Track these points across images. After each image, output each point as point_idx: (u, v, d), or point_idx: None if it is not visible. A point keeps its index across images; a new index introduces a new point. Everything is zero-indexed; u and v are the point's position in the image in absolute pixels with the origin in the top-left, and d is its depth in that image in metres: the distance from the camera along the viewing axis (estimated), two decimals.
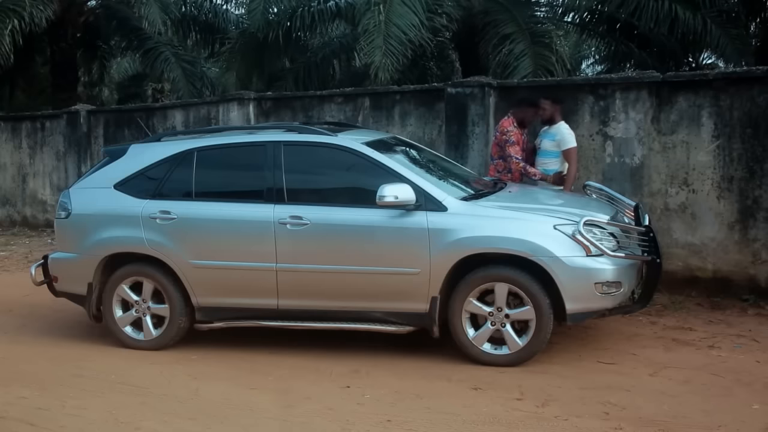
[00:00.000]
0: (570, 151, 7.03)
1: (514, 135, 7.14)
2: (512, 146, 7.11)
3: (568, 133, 7.12)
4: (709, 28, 10.41)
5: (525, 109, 7.26)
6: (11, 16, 12.03)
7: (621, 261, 5.29)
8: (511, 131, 7.16)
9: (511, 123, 7.20)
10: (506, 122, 7.23)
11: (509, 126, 7.18)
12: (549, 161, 7.12)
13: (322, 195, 5.92)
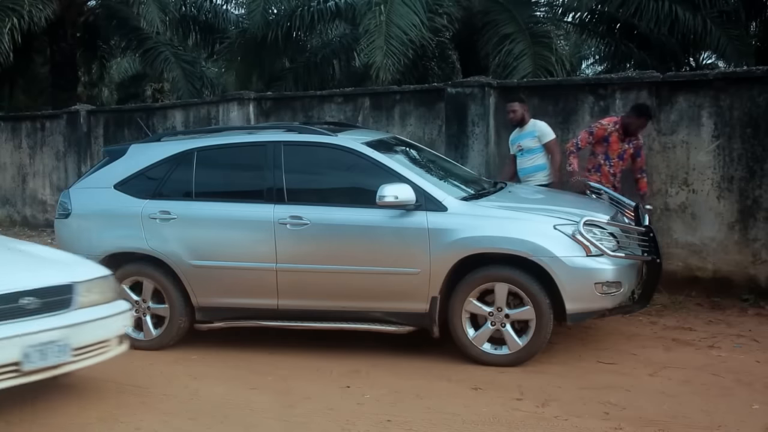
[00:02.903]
0: (552, 142, 7.18)
1: (600, 129, 6.87)
2: (585, 132, 6.94)
3: (546, 126, 7.27)
4: (709, 29, 10.42)
5: (634, 117, 6.82)
6: (10, 15, 12.01)
7: (621, 261, 5.29)
8: (602, 126, 6.88)
9: (611, 121, 6.92)
10: (608, 118, 7.04)
11: (606, 121, 6.95)
12: (534, 157, 7.20)
13: (322, 195, 5.91)
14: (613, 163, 6.87)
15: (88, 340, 4.47)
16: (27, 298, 4.26)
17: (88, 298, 4.53)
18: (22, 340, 4.12)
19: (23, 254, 5.01)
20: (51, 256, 5.06)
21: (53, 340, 4.24)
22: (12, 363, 4.09)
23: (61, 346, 4.27)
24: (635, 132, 6.85)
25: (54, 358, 4.25)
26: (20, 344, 4.11)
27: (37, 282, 4.39)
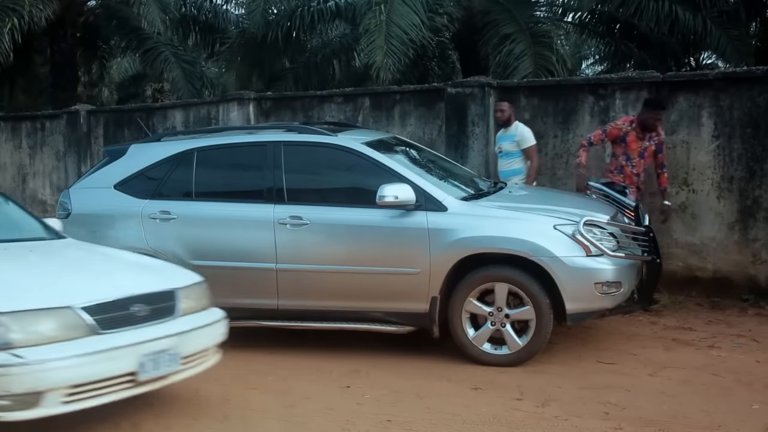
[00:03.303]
0: (530, 148, 7.21)
1: (614, 128, 6.79)
2: (600, 131, 6.91)
3: (527, 131, 7.28)
4: (709, 29, 10.41)
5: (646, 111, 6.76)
6: (11, 15, 11.99)
7: (621, 261, 5.29)
8: (617, 126, 6.80)
9: (627, 121, 6.84)
10: (624, 117, 6.97)
11: (621, 121, 6.88)
12: (512, 161, 7.23)
13: (322, 195, 5.92)
14: (635, 163, 6.77)
15: (194, 349, 4.31)
16: (137, 305, 4.09)
17: (187, 304, 4.39)
18: (138, 348, 3.95)
19: (117, 260, 4.84)
20: (143, 261, 4.92)
21: (165, 348, 4.07)
22: (128, 373, 3.91)
23: (171, 355, 4.11)
24: (653, 126, 6.74)
25: (165, 367, 4.09)
26: (136, 353, 3.93)
27: (142, 288, 4.25)
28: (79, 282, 4.22)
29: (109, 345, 3.84)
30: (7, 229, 5.03)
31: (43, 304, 3.81)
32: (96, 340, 3.82)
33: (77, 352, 3.72)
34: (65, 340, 3.73)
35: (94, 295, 3.98)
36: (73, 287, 4.09)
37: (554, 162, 7.83)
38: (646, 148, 6.77)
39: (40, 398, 3.62)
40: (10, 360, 3.56)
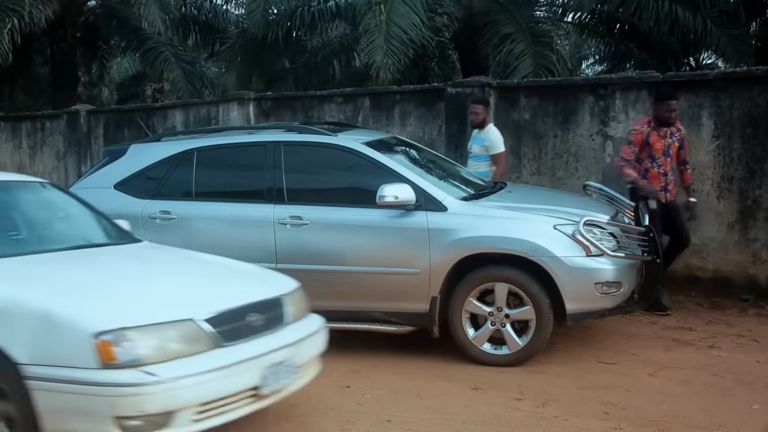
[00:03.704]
0: (498, 155, 7.10)
1: (636, 135, 6.58)
2: (625, 145, 6.66)
3: (497, 137, 7.17)
4: (709, 29, 10.40)
5: (657, 105, 6.63)
6: (10, 16, 11.99)
7: (621, 261, 5.29)
8: (637, 131, 6.60)
9: (644, 122, 6.66)
10: (640, 121, 6.80)
11: (638, 125, 6.68)
12: (479, 164, 7.17)
13: (322, 195, 5.92)
14: (660, 162, 6.57)
15: (306, 358, 4.09)
16: (253, 314, 3.86)
17: (293, 311, 4.17)
18: (260, 361, 3.72)
19: (214, 265, 4.56)
20: (239, 266, 4.60)
21: (283, 359, 3.85)
22: (252, 387, 3.68)
23: (288, 367, 3.90)
24: (669, 119, 6.54)
25: (283, 379, 3.87)
26: (259, 366, 3.71)
27: (254, 295, 4.02)
28: (192, 291, 3.96)
29: (234, 359, 3.60)
30: (89, 233, 4.86)
31: (166, 316, 3.54)
32: (220, 353, 3.59)
33: (206, 367, 3.48)
34: (189, 355, 3.49)
35: (212, 306, 3.72)
36: (189, 297, 3.84)
37: (554, 162, 7.83)
38: (669, 146, 6.59)
39: (172, 418, 3.39)
40: (143, 378, 3.31)
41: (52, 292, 3.59)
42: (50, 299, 3.49)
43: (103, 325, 3.34)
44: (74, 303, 3.50)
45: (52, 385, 3.32)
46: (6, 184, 5.03)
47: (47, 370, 3.32)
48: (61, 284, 3.77)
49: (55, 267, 4.15)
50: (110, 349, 3.31)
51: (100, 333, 3.31)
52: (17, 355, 3.35)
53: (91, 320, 3.36)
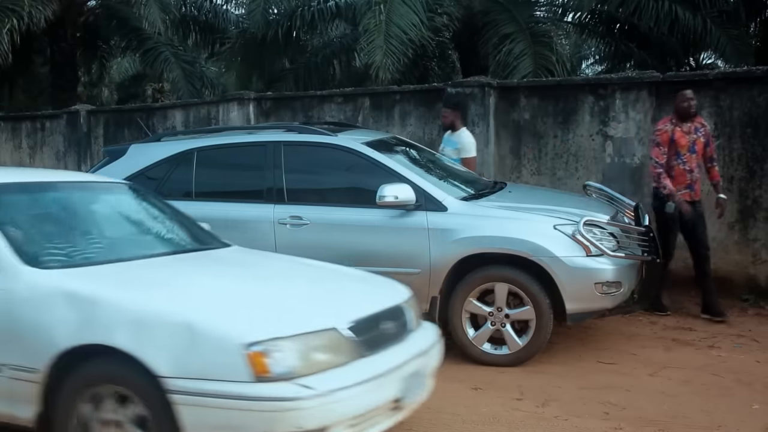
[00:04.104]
0: (468, 160, 6.97)
1: (661, 135, 6.40)
2: (655, 148, 6.45)
3: (469, 141, 7.08)
4: (709, 28, 10.41)
5: (676, 100, 6.44)
6: (10, 16, 11.99)
7: (621, 261, 5.29)
8: (661, 130, 6.43)
9: (666, 121, 6.49)
10: (661, 121, 6.62)
11: (661, 124, 6.51)
12: None
13: (322, 195, 5.92)
14: (686, 158, 6.40)
15: (432, 368, 3.89)
16: (386, 322, 3.66)
17: (413, 318, 3.98)
18: (401, 371, 3.51)
19: (322, 269, 4.37)
20: (348, 271, 4.44)
21: (417, 369, 3.66)
22: (395, 399, 3.47)
23: (420, 377, 3.70)
24: (688, 111, 6.38)
25: (417, 390, 3.67)
26: (400, 377, 3.49)
27: (382, 302, 3.81)
28: (323, 299, 3.78)
29: (379, 369, 3.39)
30: (180, 236, 4.62)
31: (312, 325, 3.30)
32: (364, 364, 3.36)
33: (356, 379, 3.25)
34: (335, 366, 3.26)
35: (350, 314, 3.50)
36: (324, 305, 3.64)
37: (554, 162, 7.84)
38: (695, 141, 6.41)
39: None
40: (300, 392, 3.07)
41: (189, 301, 3.38)
42: (189, 308, 3.28)
43: (254, 336, 3.11)
44: (218, 312, 3.29)
45: (198, 400, 3.09)
46: (89, 185, 4.87)
47: (193, 383, 3.09)
48: (193, 292, 3.55)
49: (170, 273, 3.94)
50: (263, 360, 3.08)
51: (251, 344, 3.08)
52: (158, 367, 3.13)
53: (241, 330, 3.14)
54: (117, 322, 3.25)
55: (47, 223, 4.30)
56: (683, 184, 6.39)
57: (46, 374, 3.35)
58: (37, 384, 3.37)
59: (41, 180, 4.73)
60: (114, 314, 3.27)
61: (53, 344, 3.32)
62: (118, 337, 3.21)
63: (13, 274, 3.56)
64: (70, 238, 4.16)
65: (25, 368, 3.40)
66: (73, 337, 3.31)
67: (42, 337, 3.36)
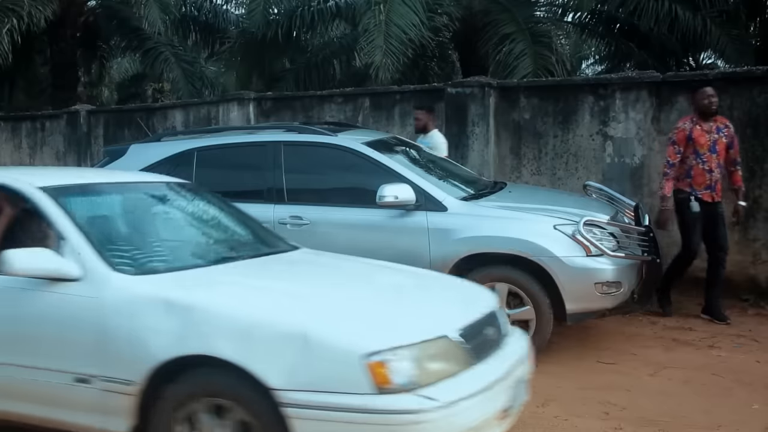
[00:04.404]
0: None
1: (678, 133, 6.21)
2: (669, 146, 6.26)
3: (441, 141, 7.22)
4: (709, 28, 10.42)
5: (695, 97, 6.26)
6: (10, 16, 12.01)
7: (621, 261, 5.29)
8: (679, 128, 6.24)
9: (686, 119, 6.29)
10: (681, 119, 6.41)
11: (680, 122, 6.31)
12: None
13: (322, 195, 5.92)
14: (706, 158, 6.16)
15: (529, 374, 3.73)
16: (489, 328, 3.52)
17: (505, 322, 3.85)
18: (509, 379, 3.36)
19: (411, 273, 4.21)
20: (428, 274, 4.32)
21: (521, 376, 3.52)
22: (504, 408, 3.29)
23: (522, 384, 3.55)
24: (709, 109, 6.16)
25: (520, 398, 3.52)
26: (508, 385, 3.34)
27: (481, 307, 3.65)
28: (425, 304, 3.61)
29: (491, 377, 3.23)
30: (252, 238, 4.45)
31: (425, 333, 3.11)
32: (477, 372, 3.19)
33: (473, 388, 3.08)
34: (450, 376, 3.08)
35: (456, 320, 3.33)
36: (429, 311, 3.47)
37: (554, 162, 7.84)
38: (716, 141, 6.18)
39: None
40: (424, 404, 2.89)
41: (298, 309, 3.19)
42: (301, 317, 3.10)
43: (373, 345, 2.94)
44: (333, 321, 3.11)
45: (315, 413, 2.91)
46: (157, 186, 4.64)
47: (309, 396, 2.91)
48: (298, 299, 3.35)
49: (263, 278, 3.77)
50: (384, 371, 2.90)
51: (371, 353, 2.91)
52: (270, 379, 2.95)
53: (360, 339, 2.97)
54: (222, 331, 3.07)
55: (125, 225, 4.16)
56: (703, 185, 6.20)
57: (142, 386, 3.18)
58: (132, 396, 3.21)
59: (114, 180, 4.56)
60: (218, 323, 3.10)
61: (151, 355, 3.15)
62: (224, 347, 3.04)
63: (101, 282, 3.39)
64: (149, 242, 4.03)
65: (119, 380, 3.23)
66: (173, 347, 3.13)
67: (138, 348, 3.19)
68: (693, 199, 6.18)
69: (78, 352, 3.33)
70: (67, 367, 3.34)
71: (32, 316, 3.48)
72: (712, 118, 6.23)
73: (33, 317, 3.47)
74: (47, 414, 3.43)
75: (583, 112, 7.69)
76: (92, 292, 3.37)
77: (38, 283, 3.43)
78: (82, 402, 3.33)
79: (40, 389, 3.41)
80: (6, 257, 3.36)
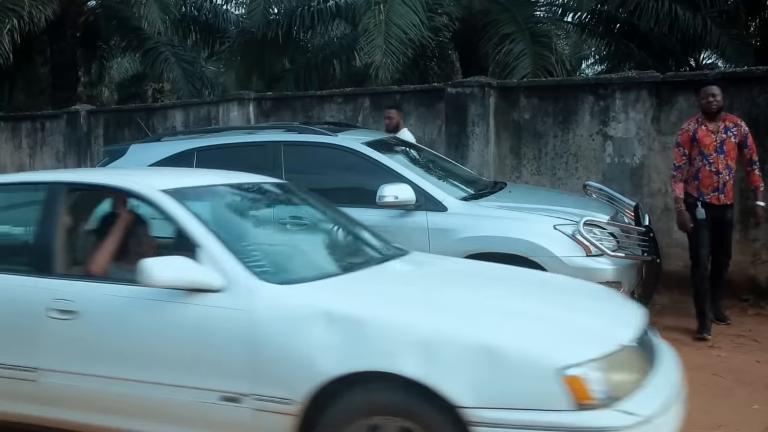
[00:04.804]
0: None
1: (681, 134, 6.05)
2: (674, 148, 6.12)
3: (412, 139, 7.34)
4: (709, 28, 10.41)
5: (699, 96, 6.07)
6: (10, 16, 12.01)
7: (621, 261, 5.29)
8: (683, 129, 6.08)
9: (692, 120, 6.12)
10: (686, 121, 6.23)
11: (685, 123, 6.15)
12: None
13: (322, 195, 5.89)
14: (712, 159, 5.91)
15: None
16: (649, 335, 3.33)
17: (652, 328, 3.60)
18: (681, 388, 3.15)
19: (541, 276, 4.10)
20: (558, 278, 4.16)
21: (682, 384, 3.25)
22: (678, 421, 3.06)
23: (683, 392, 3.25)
24: (709, 106, 5.95)
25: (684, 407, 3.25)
26: (682, 395, 3.15)
27: (636, 314, 3.42)
28: (594, 312, 3.38)
29: (671, 388, 3.03)
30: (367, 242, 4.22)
31: (612, 343, 2.92)
32: (658, 383, 2.97)
33: (662, 401, 2.89)
34: (637, 388, 2.87)
35: (627, 328, 3.12)
36: (603, 320, 3.26)
37: (554, 162, 7.84)
38: (723, 141, 5.94)
39: None
40: (625, 420, 2.69)
41: (477, 320, 2.98)
42: (484, 328, 2.90)
43: (568, 358, 2.74)
44: (519, 332, 2.90)
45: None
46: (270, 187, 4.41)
47: (501, 413, 2.71)
48: (469, 308, 3.15)
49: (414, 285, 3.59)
50: (583, 385, 2.70)
51: (566, 367, 2.71)
52: (458, 397, 2.74)
53: (553, 352, 2.77)
54: (400, 345, 2.84)
55: (250, 230, 3.96)
56: (710, 187, 5.96)
57: (303, 405, 2.94)
58: (291, 416, 2.97)
59: (229, 182, 4.24)
60: (394, 336, 2.87)
61: (315, 371, 2.91)
62: (404, 362, 2.80)
63: (248, 292, 3.14)
64: (278, 248, 3.82)
65: (275, 399, 2.99)
66: (342, 363, 2.89)
67: (299, 364, 2.95)
68: (699, 206, 5.98)
69: (225, 368, 3.10)
70: (212, 384, 3.10)
71: (170, 331, 3.23)
72: (720, 118, 6.00)
73: (171, 331, 3.22)
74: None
75: (583, 112, 7.69)
76: (240, 303, 3.12)
77: (174, 294, 3.19)
78: (229, 422, 3.10)
79: (180, 408, 3.19)
80: (146, 267, 3.12)
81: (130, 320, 3.31)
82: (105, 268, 3.71)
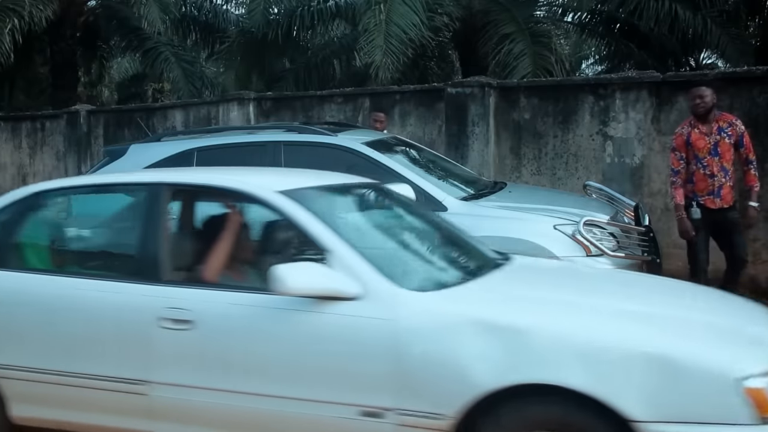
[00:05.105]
0: None
1: (676, 138, 5.92)
2: (671, 153, 5.97)
3: None
4: (709, 28, 10.42)
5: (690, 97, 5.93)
6: (11, 16, 12.01)
7: (621, 261, 5.28)
8: (677, 133, 5.95)
9: (685, 123, 5.98)
10: (681, 124, 6.09)
11: (679, 127, 6.01)
12: None
13: None
14: (706, 162, 5.77)
15: None
16: None
17: None
18: None
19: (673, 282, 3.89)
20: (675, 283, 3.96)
21: None
22: None
23: None
24: (696, 110, 5.83)
25: None
26: None
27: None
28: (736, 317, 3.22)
29: None
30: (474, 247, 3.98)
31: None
32: None
33: None
34: None
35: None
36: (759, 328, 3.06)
37: (554, 162, 7.84)
38: (717, 143, 5.78)
39: None
40: None
41: (647, 329, 2.83)
42: (655, 337, 2.75)
43: (748, 368, 2.59)
44: (692, 341, 2.75)
45: None
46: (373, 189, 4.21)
47: (680, 428, 2.56)
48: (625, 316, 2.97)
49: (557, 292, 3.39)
50: (766, 397, 2.56)
51: (747, 377, 2.56)
52: (631, 410, 2.60)
53: (732, 362, 2.62)
54: (564, 355, 2.71)
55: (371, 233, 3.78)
56: (705, 191, 5.81)
57: (456, 420, 2.80)
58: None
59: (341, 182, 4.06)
60: (557, 346, 2.73)
61: (470, 384, 2.77)
62: (570, 373, 2.67)
63: (389, 300, 2.98)
64: (403, 251, 3.68)
65: (423, 413, 2.84)
66: (502, 376, 2.75)
67: (450, 376, 2.80)
68: (695, 205, 5.87)
69: (365, 381, 2.94)
70: (352, 398, 2.94)
71: (304, 342, 3.04)
72: (713, 119, 5.85)
73: (305, 343, 3.04)
74: None
75: (583, 112, 7.69)
76: (381, 312, 2.95)
77: (306, 302, 3.02)
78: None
79: (315, 425, 3.03)
80: (278, 274, 2.93)
81: (257, 330, 3.11)
82: (218, 274, 3.46)
